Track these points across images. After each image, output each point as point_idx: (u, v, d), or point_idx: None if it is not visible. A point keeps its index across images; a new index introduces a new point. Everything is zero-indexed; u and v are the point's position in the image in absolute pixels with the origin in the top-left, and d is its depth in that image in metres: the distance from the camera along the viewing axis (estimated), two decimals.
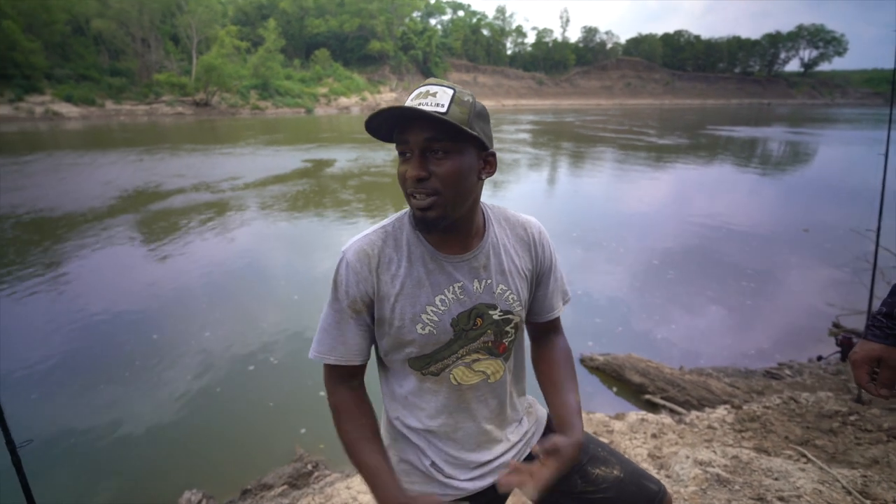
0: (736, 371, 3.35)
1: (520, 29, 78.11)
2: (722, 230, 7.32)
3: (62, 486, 2.50)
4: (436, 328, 0.85)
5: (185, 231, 6.92)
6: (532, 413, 1.08)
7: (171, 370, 3.53)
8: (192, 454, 2.78)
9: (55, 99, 29.87)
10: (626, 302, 4.85)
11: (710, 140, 21.83)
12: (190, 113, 33.57)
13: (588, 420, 2.62)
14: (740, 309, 4.65)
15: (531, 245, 0.95)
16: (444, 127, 0.75)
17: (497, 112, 47.64)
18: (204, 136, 21.54)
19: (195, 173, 11.41)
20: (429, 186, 0.77)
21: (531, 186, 11.11)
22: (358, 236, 0.87)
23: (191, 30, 39.91)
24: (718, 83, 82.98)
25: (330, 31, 54.51)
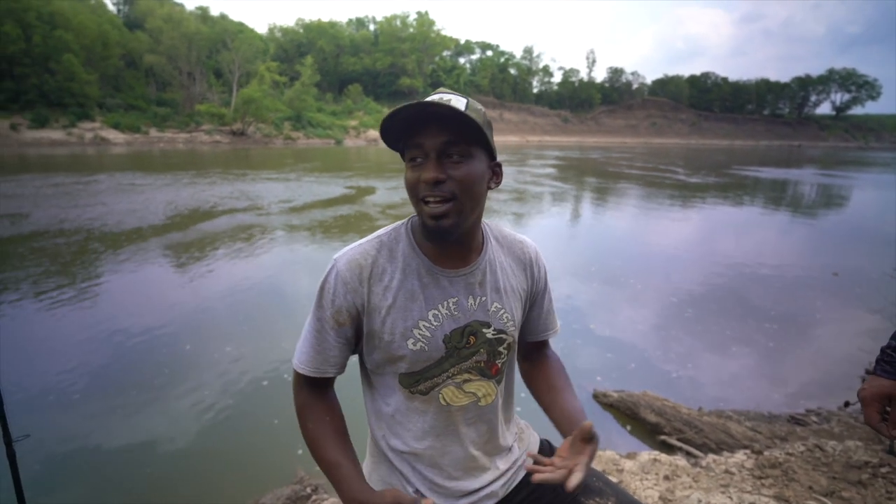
0: (758, 415, 3.17)
1: (546, 69, 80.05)
2: (746, 271, 7.10)
3: (57, 490, 2.52)
4: (427, 344, 0.82)
5: (247, 245, 7.45)
6: (524, 440, 1.05)
7: (190, 383, 3.58)
8: (194, 470, 2.77)
9: (104, 126, 31.91)
10: (641, 339, 4.71)
11: (737, 180, 21.50)
12: (226, 141, 35.24)
13: (598, 458, 2.50)
14: (763, 351, 4.44)
15: (527, 264, 0.94)
16: (464, 129, 0.74)
17: (522, 147, 48.29)
18: (246, 162, 22.56)
19: (247, 196, 12.09)
20: (445, 190, 0.74)
21: (554, 220, 11.09)
22: (352, 245, 0.85)
23: (233, 65, 42.46)
24: (747, 124, 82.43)
25: (363, 69, 57.13)
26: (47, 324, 4.52)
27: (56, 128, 29.97)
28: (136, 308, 4.98)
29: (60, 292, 5.25)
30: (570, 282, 6.36)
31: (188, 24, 39.34)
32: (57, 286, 5.44)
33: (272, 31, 59.46)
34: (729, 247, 8.72)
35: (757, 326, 4.91)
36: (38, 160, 20.48)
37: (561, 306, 5.35)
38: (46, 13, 31.41)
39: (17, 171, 16.30)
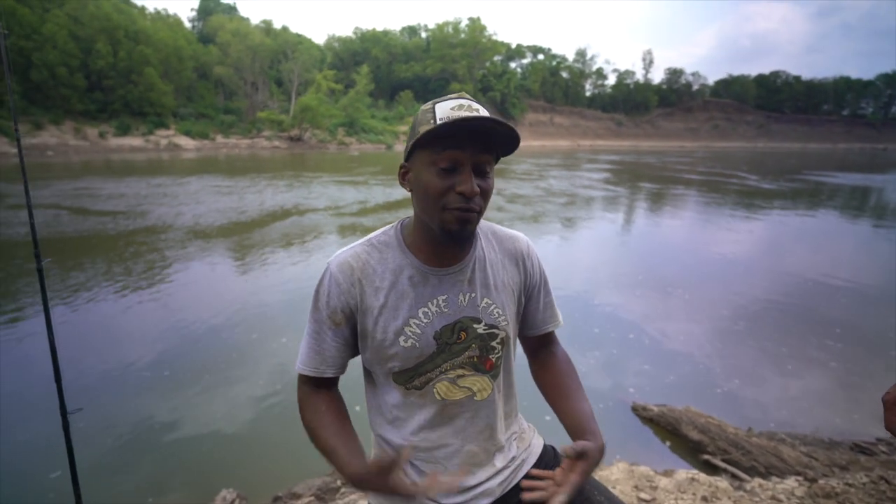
0: (816, 440, 2.91)
1: (600, 71, 77.96)
2: (813, 285, 6.54)
3: (105, 459, 2.76)
4: (418, 341, 0.84)
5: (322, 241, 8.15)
6: (524, 439, 1.03)
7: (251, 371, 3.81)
8: (238, 453, 2.94)
9: (177, 133, 34.63)
10: (683, 351, 4.46)
11: (810, 185, 19.88)
12: (284, 147, 37.12)
13: (630, 472, 2.41)
14: (826, 371, 4.07)
15: (519, 259, 0.94)
16: (497, 144, 0.77)
17: (573, 152, 47.24)
18: (313, 166, 23.78)
19: (327, 196, 13.11)
20: (477, 203, 0.77)
21: (604, 226, 10.76)
22: (344, 249, 0.88)
23: (293, 74, 44.70)
24: (823, 126, 76.15)
25: (414, 75, 58.24)
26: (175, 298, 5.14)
27: (136, 135, 32.86)
28: (235, 295, 5.55)
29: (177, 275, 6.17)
30: (613, 289, 6.15)
31: (253, 37, 41.91)
32: (174, 271, 6.42)
33: (330, 40, 62.05)
34: (796, 258, 8.09)
35: (820, 344, 4.51)
36: (122, 164, 22.54)
37: (599, 314, 5.23)
38: (132, 31, 34.62)
39: (121, 174, 18.26)
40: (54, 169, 19.53)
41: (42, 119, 29.22)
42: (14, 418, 3.10)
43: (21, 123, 14.88)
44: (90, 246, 7.59)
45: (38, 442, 2.86)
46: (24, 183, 1.31)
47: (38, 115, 29.14)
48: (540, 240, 8.97)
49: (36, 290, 5.03)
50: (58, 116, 30.23)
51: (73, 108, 31.18)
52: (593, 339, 4.64)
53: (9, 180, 14.76)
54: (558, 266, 7.16)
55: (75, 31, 31.49)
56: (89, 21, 32.31)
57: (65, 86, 30.49)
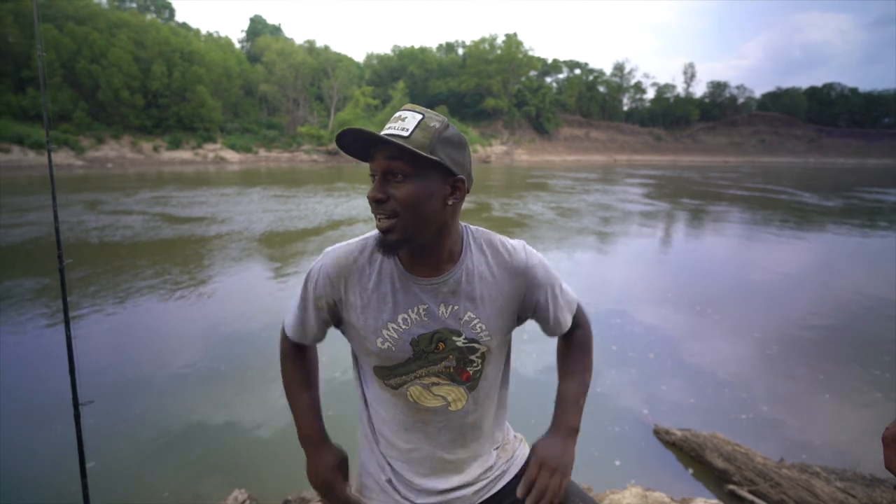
0: (856, 476, 2.68)
1: (639, 85, 76.60)
2: (859, 310, 6.11)
3: (118, 453, 2.89)
4: (394, 345, 0.85)
5: None
6: (507, 450, 1.03)
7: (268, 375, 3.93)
8: (252, 455, 3.02)
9: (223, 147, 36.53)
10: (707, 373, 4.25)
11: (867, 203, 18.66)
12: (322, 160, 38.42)
13: (644, 498, 2.31)
14: (868, 402, 3.78)
15: (517, 273, 0.90)
16: (401, 150, 0.75)
17: (609, 166, 46.39)
18: (356, 178, 24.77)
19: None
20: (387, 209, 0.78)
21: (637, 242, 10.48)
22: (342, 243, 0.91)
23: (332, 90, 46.38)
24: (882, 140, 71.59)
25: (450, 91, 59.10)
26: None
27: (186, 149, 34.93)
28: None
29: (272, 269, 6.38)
30: (639, 307, 5.96)
31: (297, 56, 43.88)
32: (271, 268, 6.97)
33: (369, 58, 64.04)
34: (845, 280, 7.58)
35: (864, 373, 4.19)
36: (173, 175, 23.97)
37: (619, 332, 5.06)
38: (187, 52, 37.06)
39: (191, 184, 20.03)
40: (113, 180, 21.03)
41: (104, 134, 31.58)
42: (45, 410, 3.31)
43: (86, 138, 18.50)
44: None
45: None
46: (51, 191, 1.43)
47: (100, 130, 31.54)
48: (578, 252, 8.93)
49: (111, 287, 5.85)
50: (118, 132, 32.61)
51: (131, 124, 33.57)
52: (611, 356, 4.51)
53: (76, 190, 16.38)
54: (591, 281, 7.02)
55: (137, 54, 34.02)
56: (151, 45, 34.84)
57: (126, 105, 32.93)
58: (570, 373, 1.01)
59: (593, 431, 3.31)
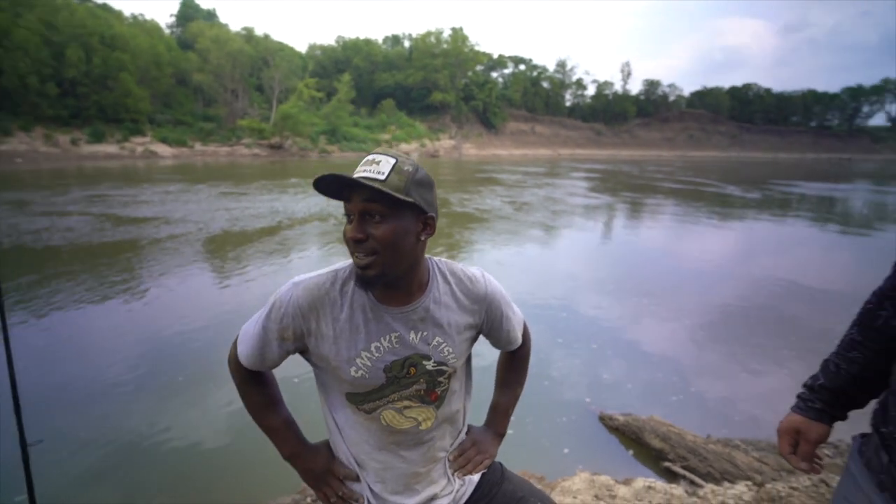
0: (769, 445, 3.06)
1: (580, 82, 79.38)
2: (770, 293, 6.82)
3: (68, 489, 2.73)
4: (368, 373, 0.89)
5: None
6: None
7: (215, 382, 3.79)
8: (201, 475, 2.94)
9: (153, 140, 33.99)
10: (643, 360, 4.63)
11: (780, 195, 20.63)
12: (265, 154, 36.78)
13: (591, 482, 2.50)
14: (782, 376, 4.28)
15: (478, 301, 0.98)
16: (380, 194, 0.80)
17: (554, 160, 47.98)
18: (304, 173, 23.90)
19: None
20: (367, 247, 0.82)
21: (584, 234, 11.00)
22: (311, 274, 0.93)
23: (274, 81, 44.41)
24: (792, 136, 78.98)
25: (396, 84, 58.39)
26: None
27: (111, 142, 32.14)
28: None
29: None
30: (583, 299, 6.31)
31: (233, 44, 41.53)
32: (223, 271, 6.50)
33: (312, 49, 61.85)
34: (764, 264, 8.40)
35: (776, 353, 4.73)
36: (97, 171, 22.06)
37: (565, 325, 5.36)
38: (108, 36, 33.98)
39: (119, 180, 18.30)
40: (29, 177, 19.04)
41: (10, 125, 28.38)
42: None
43: None
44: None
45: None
46: None
47: (6, 120, 28.31)
48: (530, 247, 9.23)
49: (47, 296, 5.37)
50: (27, 123, 29.42)
51: (44, 114, 30.38)
52: (557, 349, 4.77)
53: None
54: (541, 277, 7.31)
55: (48, 37, 30.76)
56: (64, 27, 31.61)
57: (36, 93, 29.74)
58: (507, 384, 1.18)
59: (543, 423, 3.51)
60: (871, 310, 0.90)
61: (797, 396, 1.00)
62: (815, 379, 0.98)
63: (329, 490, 0.99)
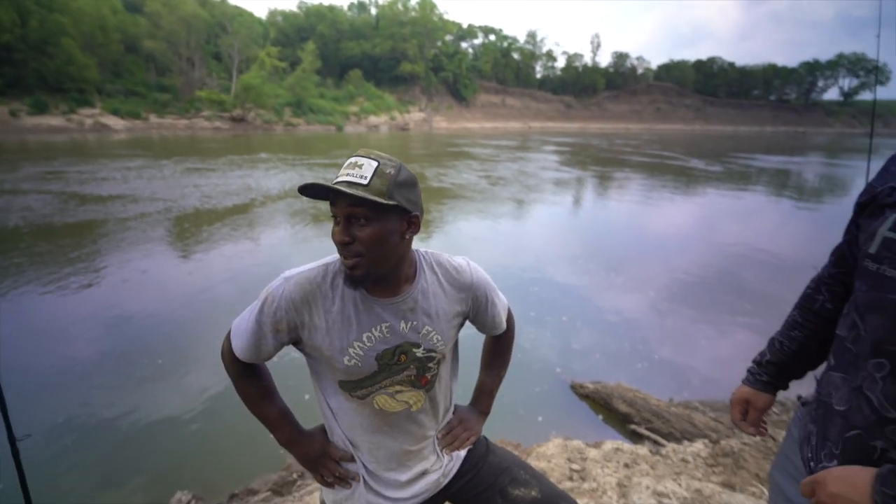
0: (724, 405, 3.33)
1: (550, 53, 78.84)
2: (727, 263, 7.22)
3: (59, 479, 2.71)
4: (360, 361, 0.93)
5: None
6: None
7: (187, 369, 3.76)
8: (190, 453, 2.96)
9: (104, 112, 31.86)
10: (609, 330, 4.88)
11: (741, 168, 21.43)
12: (227, 128, 35.19)
13: (564, 447, 2.67)
14: (735, 341, 4.61)
15: (465, 290, 1.04)
16: (362, 200, 0.82)
17: (525, 133, 47.99)
18: (271, 147, 22.88)
19: (321, 178, 13.77)
20: (353, 250, 0.86)
21: (547, 210, 11.18)
22: (302, 268, 0.95)
23: (233, 50, 42.10)
24: (752, 110, 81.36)
25: (363, 54, 56.44)
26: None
27: (56, 114, 29.97)
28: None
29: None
30: (555, 272, 6.51)
31: (186, 7, 38.87)
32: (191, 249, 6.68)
33: (272, 15, 58.73)
34: (725, 234, 8.82)
35: (733, 319, 5.05)
36: (41, 145, 20.61)
37: (537, 299, 5.54)
38: None
39: (69, 153, 17.55)
40: None
41: None
42: None
43: None
44: None
45: None
46: None
47: None
48: (505, 222, 9.39)
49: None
50: None
51: None
52: (530, 322, 4.94)
53: None
54: (515, 252, 7.45)
55: None
56: None
57: None
58: (492, 367, 1.25)
59: (518, 394, 3.67)
60: (810, 294, 1.01)
61: (747, 371, 1.11)
62: (762, 355, 1.09)
63: (326, 471, 1.04)
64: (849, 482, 0.65)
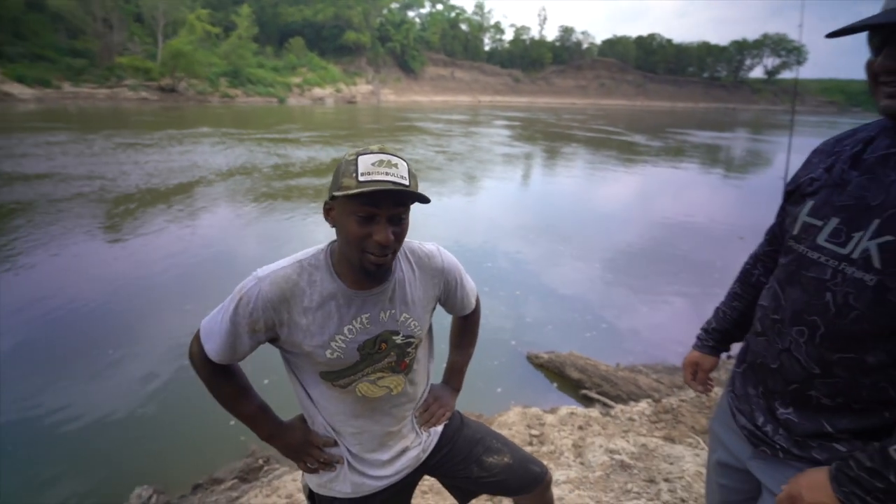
0: (664, 367, 3.65)
1: (498, 25, 78.33)
2: (664, 234, 7.73)
3: (10, 478, 2.55)
4: (343, 353, 0.95)
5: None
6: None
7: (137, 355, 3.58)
8: (144, 449, 2.86)
9: (6, 79, 28.23)
10: (559, 301, 5.15)
11: (677, 143, 22.65)
12: (155, 98, 32.35)
13: (523, 414, 2.83)
14: (674, 308, 5.01)
15: (437, 275, 1.07)
16: (415, 197, 0.86)
17: (475, 108, 47.83)
18: (207, 120, 21.32)
19: (284, 155, 13.25)
20: (392, 248, 0.88)
21: (507, 185, 11.36)
22: (275, 267, 0.94)
23: (157, 11, 38.35)
24: (687, 87, 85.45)
25: (305, 20, 53.32)
26: None
27: None
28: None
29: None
30: (508, 248, 6.70)
31: None
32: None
33: None
34: (661, 207, 9.39)
35: (671, 288, 5.47)
36: None
37: (490, 275, 5.71)
38: None
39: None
40: None
41: None
42: None
43: None
44: None
45: None
46: None
47: None
48: (458, 198, 9.46)
49: None
50: None
51: None
52: (484, 296, 5.10)
53: None
54: (469, 228, 7.55)
55: None
56: None
57: None
58: (461, 346, 1.31)
59: (477, 368, 3.77)
60: (748, 269, 1.14)
61: (696, 337, 1.24)
62: (709, 323, 1.22)
63: (310, 459, 1.06)
64: (817, 491, 0.77)
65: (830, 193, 0.85)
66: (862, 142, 0.85)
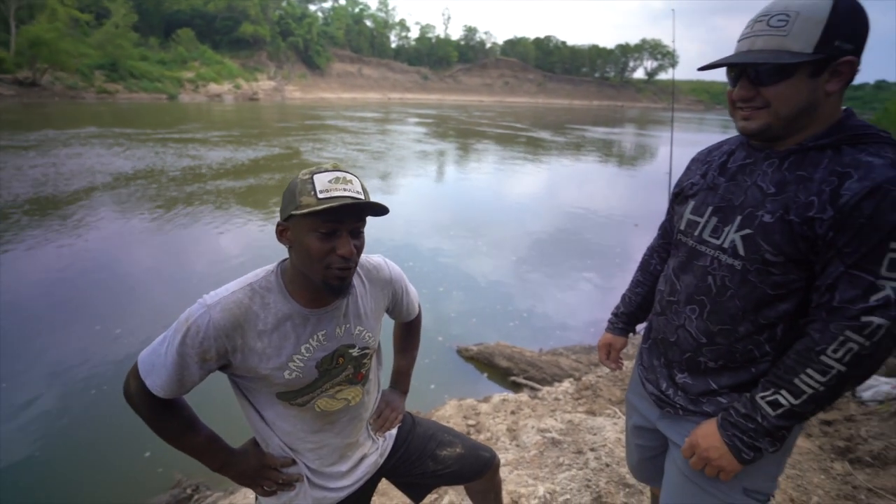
0: (582, 348, 4.01)
1: (403, 23, 78.54)
2: (577, 216, 8.41)
3: None
4: (302, 372, 0.95)
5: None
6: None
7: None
8: (61, 484, 2.52)
9: None
10: (480, 295, 5.38)
11: (577, 138, 24.47)
12: (11, 94, 27.63)
13: (459, 406, 2.95)
14: (586, 292, 5.50)
15: (385, 286, 1.11)
16: (372, 214, 0.89)
17: (385, 105, 47.42)
18: (83, 120, 18.47)
19: (196, 156, 12.04)
20: (354, 260, 0.89)
21: (425, 182, 11.47)
22: (224, 292, 0.91)
23: None
24: (582, 86, 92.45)
25: (193, 10, 48.92)
26: None
27: None
28: None
29: None
30: (429, 245, 6.84)
31: None
32: None
33: None
34: (567, 196, 10.14)
35: (581, 275, 5.98)
36: None
37: (412, 274, 5.78)
38: None
39: None
40: None
41: None
42: None
43: None
44: None
45: None
46: None
47: None
48: (375, 196, 9.25)
49: None
50: None
51: None
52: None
53: None
54: (382, 226, 7.53)
55: None
56: None
57: None
58: (407, 350, 1.36)
59: None
60: (647, 259, 1.34)
61: (608, 321, 1.42)
62: (617, 308, 1.41)
63: (267, 482, 1.04)
64: (709, 438, 0.95)
65: (706, 195, 1.04)
66: (726, 153, 1.05)
